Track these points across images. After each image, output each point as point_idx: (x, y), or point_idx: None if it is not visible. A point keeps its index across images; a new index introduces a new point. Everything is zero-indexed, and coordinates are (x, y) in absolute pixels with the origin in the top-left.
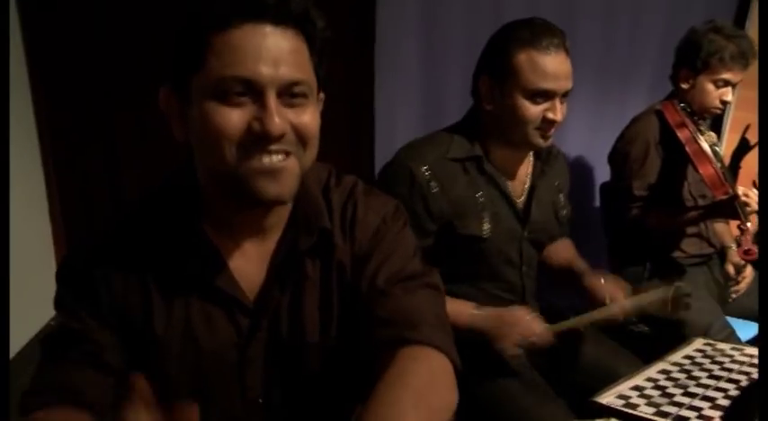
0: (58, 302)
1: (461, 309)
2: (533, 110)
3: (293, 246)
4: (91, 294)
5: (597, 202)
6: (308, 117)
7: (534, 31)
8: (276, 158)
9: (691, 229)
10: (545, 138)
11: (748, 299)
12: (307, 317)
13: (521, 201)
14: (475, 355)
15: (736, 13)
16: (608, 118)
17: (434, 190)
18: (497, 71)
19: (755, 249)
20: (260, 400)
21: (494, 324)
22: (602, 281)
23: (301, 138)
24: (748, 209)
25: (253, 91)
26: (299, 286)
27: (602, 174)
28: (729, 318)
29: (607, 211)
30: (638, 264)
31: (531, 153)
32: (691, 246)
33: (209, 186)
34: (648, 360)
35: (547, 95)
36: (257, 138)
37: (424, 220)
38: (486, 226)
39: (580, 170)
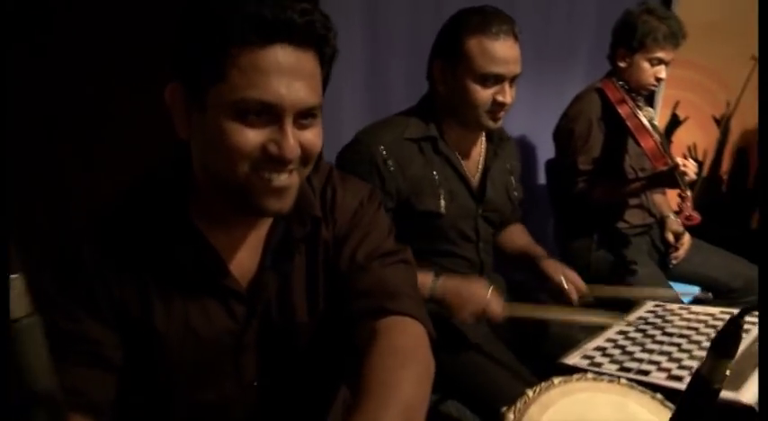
0: (46, 303)
1: (422, 281)
2: (483, 93)
3: (286, 234)
4: (86, 292)
5: (540, 180)
6: (315, 136)
7: (485, 18)
8: (284, 177)
9: (633, 201)
10: (495, 120)
11: (687, 264)
12: (296, 300)
13: (475, 179)
14: (438, 328)
15: None
16: (547, 98)
17: (392, 168)
18: (450, 56)
19: (696, 215)
20: (255, 383)
21: (454, 294)
22: (557, 265)
23: (306, 155)
24: (687, 178)
25: (271, 113)
26: (288, 271)
27: (544, 152)
28: (671, 283)
29: (553, 187)
30: (586, 236)
31: (484, 136)
32: (633, 217)
33: (205, 183)
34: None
35: (496, 79)
36: (272, 160)
37: (382, 198)
38: (443, 202)
39: (522, 149)
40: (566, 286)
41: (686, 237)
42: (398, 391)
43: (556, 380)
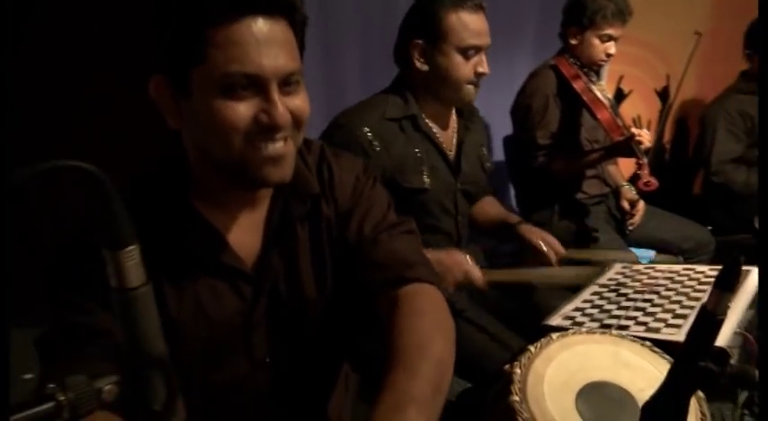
0: (56, 299)
1: None
2: (466, 65)
3: (285, 213)
4: (96, 284)
5: (497, 156)
6: (302, 101)
7: None
8: (279, 145)
9: (590, 172)
10: (475, 91)
11: (642, 229)
12: (303, 276)
13: (452, 154)
14: None
15: None
16: (498, 75)
17: (377, 148)
18: (430, 33)
19: (654, 180)
20: (267, 360)
21: (434, 265)
22: (534, 229)
23: (297, 121)
24: (642, 146)
25: (256, 84)
26: (293, 249)
27: (498, 128)
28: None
29: (513, 162)
30: (547, 208)
31: (454, 111)
32: (591, 188)
33: (202, 168)
34: (576, 287)
35: (476, 51)
36: (264, 129)
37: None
38: (426, 179)
39: None
40: (544, 248)
41: (641, 204)
42: (430, 350)
43: (554, 336)
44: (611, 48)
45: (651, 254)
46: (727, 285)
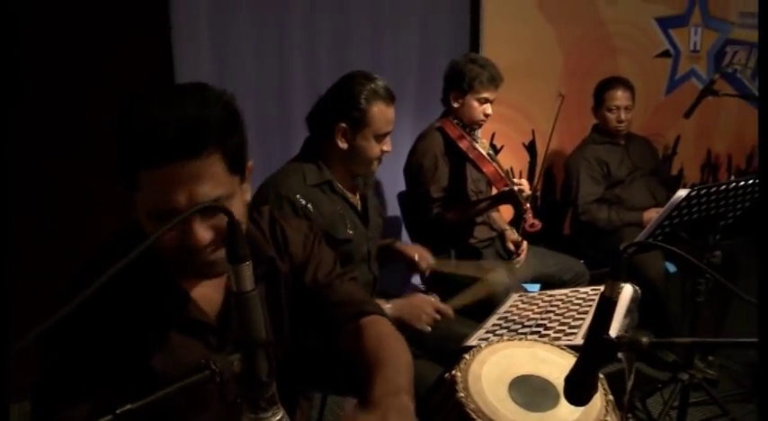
0: (45, 351)
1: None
2: (377, 147)
3: None
4: (84, 343)
5: (392, 210)
6: (225, 217)
7: (380, 86)
8: (211, 256)
9: (478, 220)
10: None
11: (526, 266)
12: None
13: (359, 209)
14: None
15: (471, 44)
16: None
17: (312, 210)
18: (354, 120)
19: (537, 222)
20: (237, 400)
21: (407, 310)
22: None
23: (223, 234)
24: (524, 194)
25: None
26: None
27: (387, 184)
28: None
29: (408, 215)
30: (443, 254)
31: None
32: (481, 233)
33: None
34: (481, 319)
35: (387, 134)
36: (189, 251)
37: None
38: (350, 231)
39: None
40: (416, 259)
41: (524, 245)
42: (402, 356)
43: (482, 345)
44: (489, 109)
45: (536, 287)
46: (616, 275)
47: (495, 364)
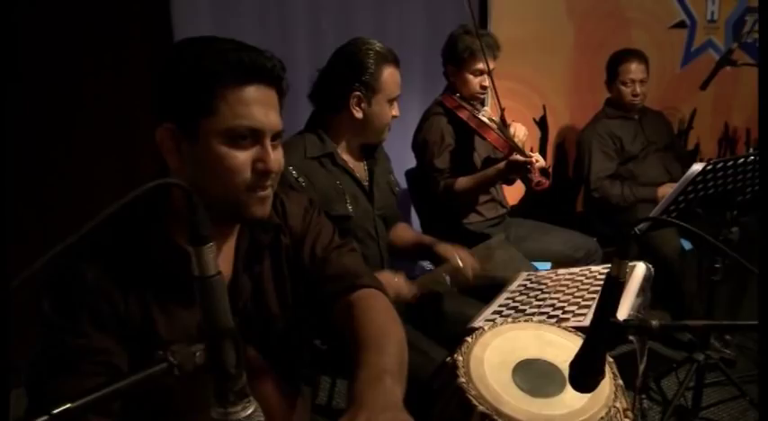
0: (53, 326)
1: None
2: (390, 112)
3: (252, 242)
4: (92, 311)
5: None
6: (281, 155)
7: (384, 48)
8: (268, 191)
9: (484, 197)
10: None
11: (539, 243)
12: (268, 296)
13: (366, 184)
14: None
15: (479, 18)
16: None
17: (303, 184)
18: (368, 86)
19: (544, 180)
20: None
21: None
22: (450, 247)
23: (279, 170)
24: (538, 165)
25: (254, 136)
26: (259, 274)
27: (396, 160)
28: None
29: (418, 192)
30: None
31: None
32: (489, 211)
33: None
34: (488, 300)
35: (396, 99)
36: (260, 174)
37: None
38: (350, 207)
39: None
40: (461, 265)
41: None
42: (391, 333)
43: (486, 327)
44: (485, 81)
45: (548, 266)
46: (624, 254)
47: (499, 347)
